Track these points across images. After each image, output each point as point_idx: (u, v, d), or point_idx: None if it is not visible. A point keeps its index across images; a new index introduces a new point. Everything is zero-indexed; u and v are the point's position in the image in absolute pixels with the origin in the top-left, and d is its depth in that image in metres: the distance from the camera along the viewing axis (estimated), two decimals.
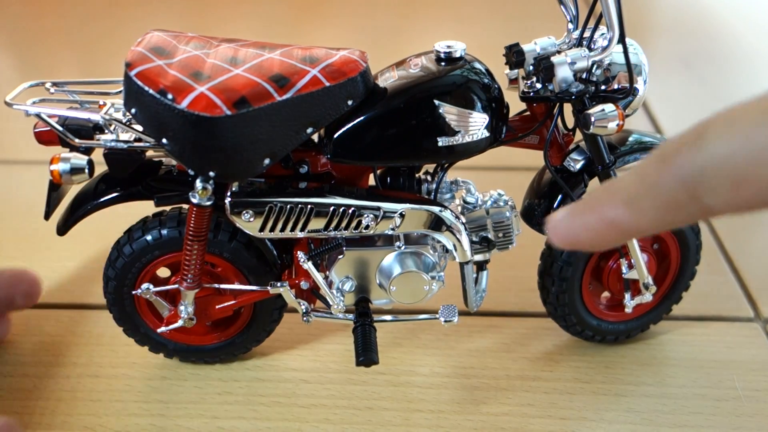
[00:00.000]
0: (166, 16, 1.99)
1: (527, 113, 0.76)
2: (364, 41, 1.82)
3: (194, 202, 0.69)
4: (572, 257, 0.80)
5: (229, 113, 0.61)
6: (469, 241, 0.74)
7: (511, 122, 0.75)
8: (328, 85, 0.65)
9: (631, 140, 0.78)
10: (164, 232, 0.75)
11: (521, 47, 0.69)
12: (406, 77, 0.69)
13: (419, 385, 0.83)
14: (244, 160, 0.65)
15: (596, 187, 0.27)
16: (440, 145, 0.69)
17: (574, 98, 0.70)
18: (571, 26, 0.71)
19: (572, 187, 0.77)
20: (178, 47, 0.68)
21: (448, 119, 0.68)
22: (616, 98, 0.70)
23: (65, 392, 0.82)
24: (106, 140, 0.69)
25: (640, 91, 0.71)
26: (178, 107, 0.61)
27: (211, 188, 0.68)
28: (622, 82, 0.71)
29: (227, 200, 0.70)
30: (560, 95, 0.70)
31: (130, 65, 0.64)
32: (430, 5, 2.11)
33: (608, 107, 0.67)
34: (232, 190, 0.70)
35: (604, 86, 0.70)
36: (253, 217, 0.70)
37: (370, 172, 0.76)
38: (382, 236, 0.76)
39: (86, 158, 0.68)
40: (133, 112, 0.65)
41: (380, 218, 0.71)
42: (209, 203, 0.69)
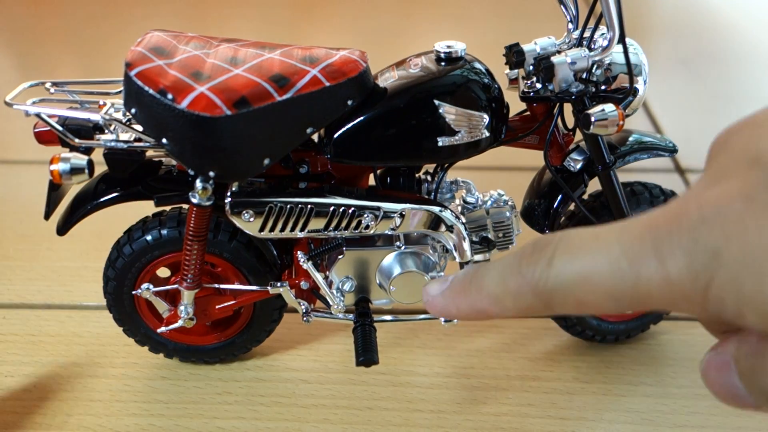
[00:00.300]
0: (166, 16, 1.99)
1: (527, 113, 0.76)
2: (364, 41, 1.82)
3: (194, 202, 0.69)
4: None
5: (229, 113, 0.61)
6: (469, 241, 0.74)
7: (511, 122, 0.75)
8: (328, 85, 0.65)
9: (631, 140, 0.78)
10: (164, 232, 0.75)
11: (521, 47, 0.69)
12: (406, 77, 0.69)
13: (419, 385, 0.83)
14: (244, 160, 0.65)
15: (466, 271, 0.33)
16: (440, 145, 0.69)
17: (574, 98, 0.70)
18: (571, 26, 0.71)
19: (572, 186, 0.77)
20: (178, 47, 0.68)
21: (448, 119, 0.68)
22: (616, 98, 0.70)
23: (65, 392, 0.82)
24: (106, 140, 0.69)
25: (640, 91, 0.71)
26: (178, 107, 0.61)
27: (211, 188, 0.68)
28: (622, 82, 0.71)
29: (227, 200, 0.70)
30: (560, 95, 0.70)
31: (130, 65, 0.64)
32: (430, 5, 2.11)
33: (608, 107, 0.67)
34: (232, 190, 0.70)
35: (604, 86, 0.70)
36: (253, 217, 0.70)
37: (370, 172, 0.76)
38: (382, 236, 0.76)
39: (86, 158, 0.67)
40: (133, 112, 0.65)
41: (380, 218, 0.71)
42: (209, 203, 0.69)
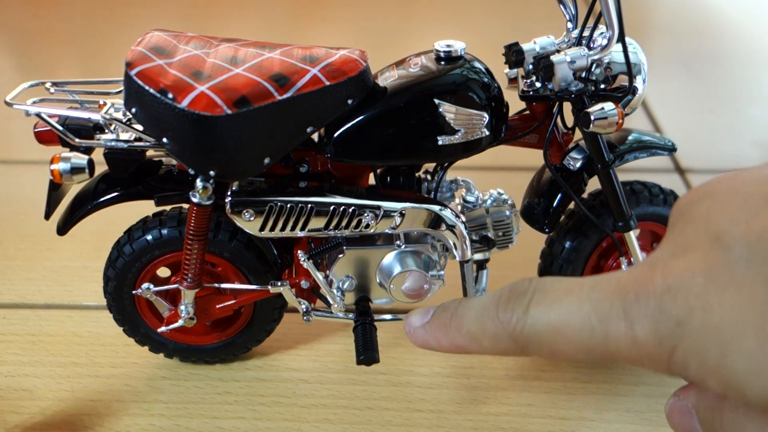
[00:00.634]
0: (166, 16, 1.99)
1: (527, 112, 0.76)
2: (363, 40, 1.82)
3: (194, 201, 0.69)
4: (572, 255, 0.80)
5: (229, 112, 0.61)
6: (469, 239, 0.74)
7: (510, 121, 0.75)
8: (328, 84, 0.65)
9: (630, 139, 0.78)
10: (164, 231, 0.75)
11: (521, 46, 0.69)
12: (405, 76, 0.69)
13: (419, 385, 0.83)
14: (244, 159, 0.65)
15: (447, 306, 0.33)
16: (440, 144, 0.69)
17: (573, 97, 0.70)
18: (570, 25, 0.71)
19: (572, 185, 0.77)
20: (178, 47, 0.68)
21: (447, 118, 0.68)
22: (615, 97, 0.70)
23: (65, 392, 0.82)
24: (106, 140, 0.69)
25: (639, 89, 0.71)
26: (178, 106, 0.61)
27: (211, 187, 0.68)
28: (621, 81, 0.71)
29: (227, 199, 0.70)
30: (560, 94, 0.70)
31: (130, 65, 0.64)
32: (430, 5, 2.11)
33: (608, 106, 0.67)
34: (232, 189, 0.70)
35: (603, 85, 0.71)
36: (253, 216, 0.70)
37: (370, 171, 0.76)
38: (382, 235, 0.76)
39: (86, 158, 0.68)
40: (133, 111, 0.65)
41: (380, 217, 0.71)
42: (209, 202, 0.69)
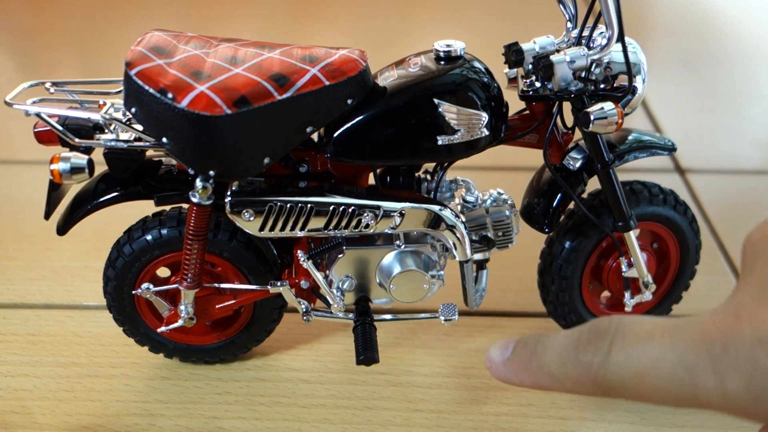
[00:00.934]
0: (166, 16, 1.99)
1: (526, 112, 0.76)
2: (363, 40, 1.82)
3: (194, 201, 0.69)
4: (572, 255, 0.80)
5: (229, 112, 0.61)
6: (468, 239, 0.74)
7: (510, 121, 0.75)
8: (327, 84, 0.65)
9: (630, 139, 0.78)
10: (164, 231, 0.75)
11: (520, 46, 0.69)
12: (405, 76, 0.69)
13: (419, 385, 0.83)
14: (244, 159, 0.65)
15: (526, 342, 0.33)
16: (440, 143, 0.69)
17: (573, 97, 0.70)
18: (570, 25, 0.71)
19: (572, 185, 0.77)
20: (178, 47, 0.68)
21: (447, 118, 0.68)
22: (615, 97, 0.70)
23: (65, 392, 0.82)
24: (106, 140, 0.69)
25: (639, 89, 0.71)
26: (178, 106, 0.61)
27: (211, 187, 0.68)
28: (621, 80, 0.71)
29: (227, 199, 0.70)
30: (559, 94, 0.70)
31: (130, 65, 0.64)
32: (429, 5, 2.11)
33: (607, 105, 0.67)
34: (232, 189, 0.70)
35: (603, 85, 0.71)
36: (253, 216, 0.70)
37: (369, 171, 0.76)
38: (381, 235, 0.76)
39: (86, 158, 0.68)
40: (133, 111, 0.65)
41: (380, 217, 0.71)
42: (209, 202, 0.69)
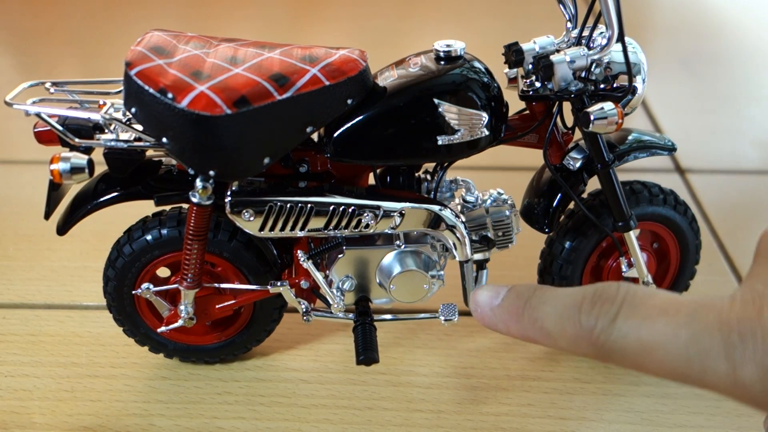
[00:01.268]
0: (166, 16, 1.99)
1: (526, 112, 0.76)
2: (363, 40, 1.82)
3: (194, 201, 0.69)
4: (572, 255, 0.80)
5: (229, 112, 0.61)
6: (468, 239, 0.74)
7: (510, 121, 0.75)
8: (327, 84, 0.65)
9: (630, 139, 0.78)
10: (164, 231, 0.75)
11: (520, 46, 0.69)
12: (405, 76, 0.69)
13: (419, 385, 0.83)
14: (244, 159, 0.65)
15: (520, 292, 0.32)
16: (440, 143, 0.69)
17: (573, 97, 0.70)
18: (570, 25, 0.71)
19: (572, 185, 0.77)
20: (177, 47, 0.68)
21: (447, 118, 0.68)
22: (615, 97, 0.70)
23: (65, 392, 0.82)
24: (106, 140, 0.69)
25: (639, 89, 0.71)
26: (178, 106, 0.61)
27: (211, 187, 0.68)
28: (621, 80, 0.71)
29: (227, 199, 0.70)
30: (559, 94, 0.70)
31: (130, 64, 0.64)
32: (429, 5, 2.11)
33: (607, 105, 0.67)
34: (232, 189, 0.70)
35: (603, 85, 0.71)
36: (253, 216, 0.70)
37: (369, 171, 0.76)
38: (381, 235, 0.76)
39: (86, 158, 0.68)
40: (133, 111, 0.65)
41: (380, 217, 0.71)
42: (209, 202, 0.69)
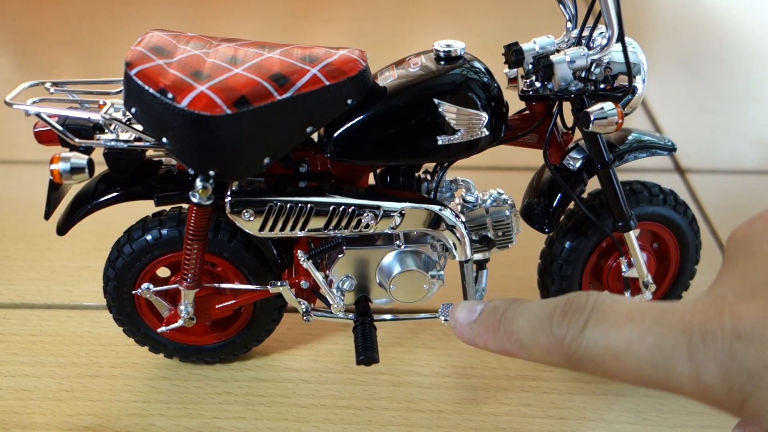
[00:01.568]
0: (166, 16, 1.99)
1: (526, 112, 0.76)
2: (363, 40, 1.82)
3: (194, 201, 0.69)
4: (572, 255, 0.80)
5: (229, 112, 0.61)
6: (468, 239, 0.74)
7: (510, 121, 0.75)
8: (327, 84, 0.65)
9: (630, 139, 0.78)
10: (164, 231, 0.75)
11: (520, 46, 0.69)
12: (405, 76, 0.69)
13: (419, 385, 0.83)
14: (244, 159, 0.65)
15: (496, 306, 0.33)
16: (440, 144, 0.69)
17: (573, 97, 0.70)
18: (570, 25, 0.71)
19: (571, 185, 0.77)
20: (177, 47, 0.68)
21: (447, 118, 0.68)
22: (615, 97, 0.70)
23: (65, 392, 0.82)
24: (106, 140, 0.69)
25: (639, 89, 0.71)
26: (178, 106, 0.61)
27: (211, 187, 0.68)
28: (621, 80, 0.71)
29: (227, 199, 0.70)
30: (559, 94, 0.70)
31: (130, 64, 0.64)
32: (429, 5, 2.11)
33: (607, 105, 0.67)
34: (232, 189, 0.70)
35: (603, 85, 0.71)
36: (253, 216, 0.70)
37: (369, 171, 0.76)
38: (382, 235, 0.76)
39: (86, 158, 0.68)
40: (133, 111, 0.65)
41: (380, 217, 0.71)
42: (209, 202, 0.69)
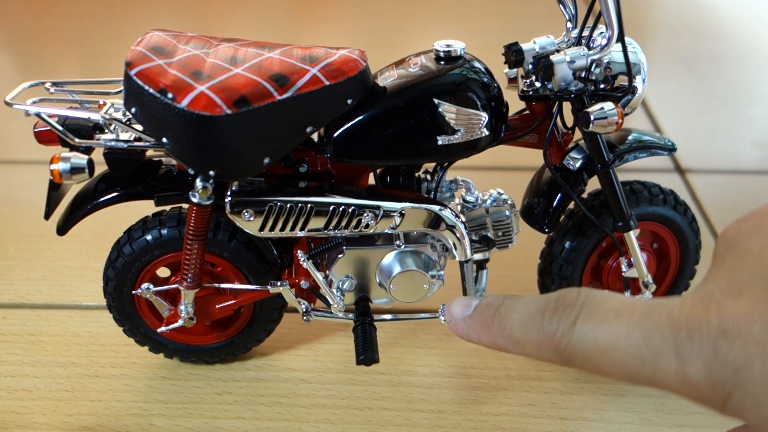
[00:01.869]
0: (166, 16, 1.99)
1: (526, 112, 0.76)
2: (363, 40, 1.82)
3: (194, 201, 0.69)
4: (572, 255, 0.80)
5: (229, 112, 0.61)
6: (468, 239, 0.74)
7: (510, 121, 0.75)
8: (327, 84, 0.65)
9: (630, 139, 0.78)
10: (164, 231, 0.75)
11: (520, 46, 0.69)
12: (405, 76, 0.69)
13: (419, 385, 0.83)
14: (244, 159, 0.65)
15: (490, 302, 0.34)
16: (440, 144, 0.69)
17: (573, 97, 0.70)
18: (570, 25, 0.71)
19: (571, 185, 0.77)
20: (178, 47, 0.68)
21: (447, 118, 0.68)
22: (615, 97, 0.70)
23: (65, 392, 0.82)
24: (106, 140, 0.69)
25: (639, 89, 0.71)
26: (178, 106, 0.61)
27: (211, 187, 0.68)
28: (621, 80, 0.71)
29: (227, 199, 0.70)
30: (559, 94, 0.70)
31: (130, 65, 0.64)
32: (429, 5, 2.11)
33: (607, 105, 0.67)
34: (232, 189, 0.70)
35: (603, 85, 0.70)
36: (253, 216, 0.70)
37: (369, 171, 0.76)
38: (382, 235, 0.76)
39: (86, 158, 0.68)
40: (133, 111, 0.65)
41: (380, 217, 0.71)
42: (209, 202, 0.69)
